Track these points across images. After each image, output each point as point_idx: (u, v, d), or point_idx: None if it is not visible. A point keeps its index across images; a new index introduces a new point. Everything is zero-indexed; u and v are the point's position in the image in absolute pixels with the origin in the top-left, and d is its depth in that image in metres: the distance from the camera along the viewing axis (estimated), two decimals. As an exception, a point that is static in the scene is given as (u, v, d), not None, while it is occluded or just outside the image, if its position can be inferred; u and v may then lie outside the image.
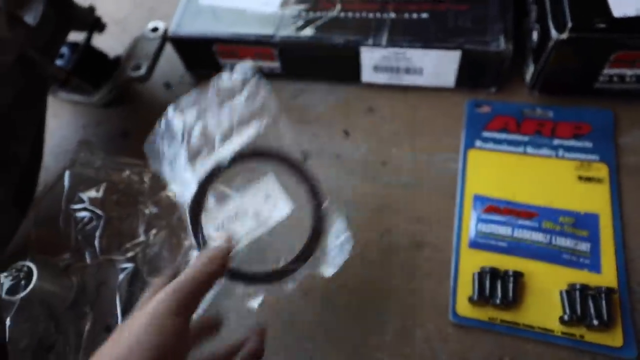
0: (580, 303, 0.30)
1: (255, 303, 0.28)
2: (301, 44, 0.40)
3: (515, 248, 0.33)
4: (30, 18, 0.36)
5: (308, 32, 0.40)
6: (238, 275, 0.27)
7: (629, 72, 0.34)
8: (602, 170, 0.35)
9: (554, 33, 0.33)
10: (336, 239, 0.27)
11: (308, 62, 0.42)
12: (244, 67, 0.30)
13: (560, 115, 0.38)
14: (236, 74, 0.30)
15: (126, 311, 0.34)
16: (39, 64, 0.37)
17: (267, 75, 0.44)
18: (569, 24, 0.32)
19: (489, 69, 0.37)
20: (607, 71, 0.34)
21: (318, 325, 0.33)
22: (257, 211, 0.28)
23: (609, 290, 0.30)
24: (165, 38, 0.44)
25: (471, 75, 0.39)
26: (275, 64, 0.42)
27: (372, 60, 0.39)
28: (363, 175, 0.39)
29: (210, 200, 0.29)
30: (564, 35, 0.32)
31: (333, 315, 0.34)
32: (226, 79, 0.30)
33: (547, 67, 0.35)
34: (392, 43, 0.37)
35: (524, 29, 0.39)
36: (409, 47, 0.37)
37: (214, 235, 0.28)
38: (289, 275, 0.27)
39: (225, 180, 0.29)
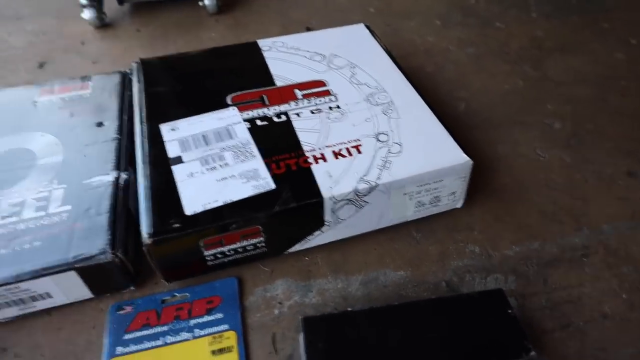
0: None
1: None
2: None
3: None
4: None
5: None
6: None
7: (225, 249, 0.39)
8: (231, 339, 0.38)
9: (144, 238, 0.36)
10: None
11: None
12: None
13: (196, 294, 0.41)
14: None
15: None
16: None
17: None
18: (151, 230, 0.36)
19: (113, 275, 0.39)
20: (207, 253, 0.39)
21: None
22: None
23: None
24: None
25: (103, 283, 0.39)
26: None
27: (-12, 300, 0.37)
28: None
29: None
30: (149, 240, 0.36)
31: None
32: None
33: (156, 262, 0.38)
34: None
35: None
36: (15, 281, 0.36)
37: None
38: None
39: None
